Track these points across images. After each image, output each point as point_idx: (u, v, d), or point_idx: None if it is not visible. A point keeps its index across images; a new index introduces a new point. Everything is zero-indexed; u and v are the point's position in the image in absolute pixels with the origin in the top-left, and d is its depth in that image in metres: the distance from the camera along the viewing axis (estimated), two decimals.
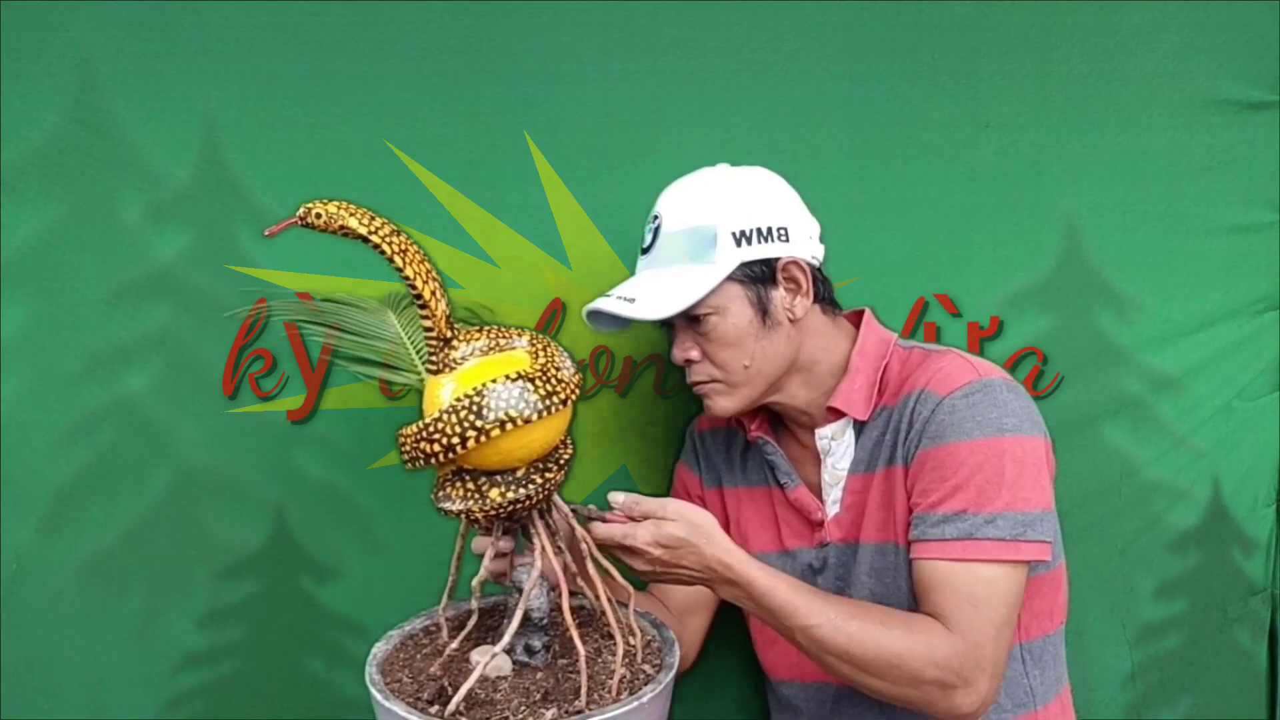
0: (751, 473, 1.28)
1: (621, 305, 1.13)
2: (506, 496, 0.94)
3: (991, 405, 1.08)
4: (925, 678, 1.01)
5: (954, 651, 1.01)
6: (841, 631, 1.02)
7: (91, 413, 1.31)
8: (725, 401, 1.17)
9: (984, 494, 1.05)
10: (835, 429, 1.19)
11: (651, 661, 1.01)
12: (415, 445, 0.92)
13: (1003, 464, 1.06)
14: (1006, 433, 1.07)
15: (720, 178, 1.17)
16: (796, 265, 1.14)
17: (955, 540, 1.05)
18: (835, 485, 1.19)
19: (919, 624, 1.04)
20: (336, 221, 0.90)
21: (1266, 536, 1.51)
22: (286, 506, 1.35)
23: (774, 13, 1.36)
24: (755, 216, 1.13)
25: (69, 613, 1.34)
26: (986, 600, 1.03)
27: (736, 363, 1.14)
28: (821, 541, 1.20)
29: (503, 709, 0.93)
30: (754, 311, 1.13)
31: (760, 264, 1.13)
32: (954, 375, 1.11)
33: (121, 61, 1.28)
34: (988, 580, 1.04)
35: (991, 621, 1.03)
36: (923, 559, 1.07)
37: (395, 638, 1.08)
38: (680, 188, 1.17)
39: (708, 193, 1.15)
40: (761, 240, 1.13)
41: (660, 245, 1.15)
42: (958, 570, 1.04)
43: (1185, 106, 1.42)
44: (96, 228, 1.29)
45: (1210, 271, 1.45)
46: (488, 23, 1.32)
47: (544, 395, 0.91)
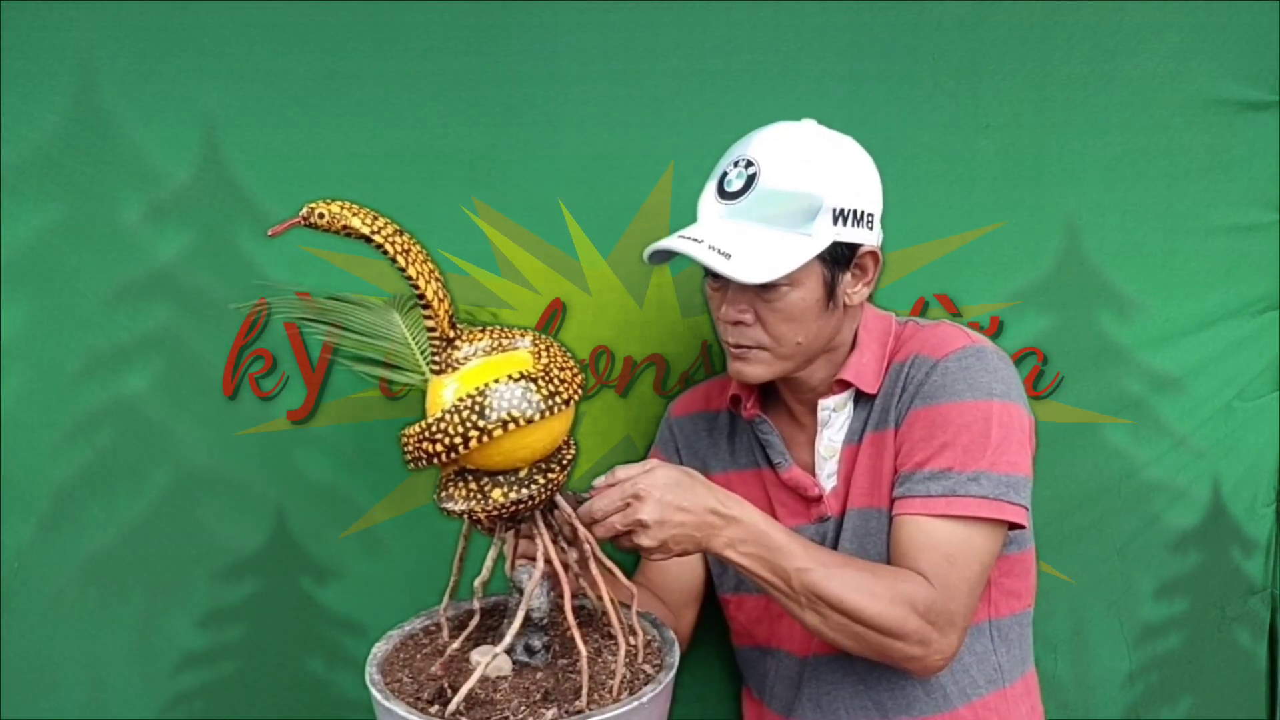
0: (740, 455, 1.27)
1: (716, 259, 1.06)
2: (509, 497, 0.94)
3: (983, 369, 1.10)
4: (908, 628, 1.02)
5: (932, 603, 1.03)
6: (835, 579, 1.02)
7: (91, 413, 1.31)
8: (762, 370, 1.14)
9: (969, 453, 1.07)
10: (838, 400, 1.18)
11: (652, 661, 1.01)
12: (418, 445, 0.92)
13: (989, 426, 1.08)
14: (995, 397, 1.09)
15: (825, 144, 1.12)
16: (873, 255, 1.14)
17: (939, 497, 1.07)
18: (830, 459, 1.19)
19: (903, 574, 1.05)
20: (339, 221, 0.90)
21: (1266, 536, 1.51)
22: (286, 506, 1.35)
23: (774, 13, 1.36)
24: (856, 198, 1.10)
25: (69, 613, 1.34)
26: (963, 557, 1.06)
27: (792, 338, 1.12)
28: (822, 516, 1.19)
29: (503, 709, 0.93)
30: (824, 291, 1.11)
31: (846, 247, 1.11)
32: (948, 340, 1.13)
33: (121, 61, 1.28)
34: (965, 538, 1.06)
35: (965, 578, 1.05)
36: (905, 514, 1.09)
37: (395, 638, 1.08)
38: (780, 140, 1.10)
39: (815, 157, 1.09)
40: (856, 224, 1.10)
41: (754, 197, 1.08)
42: (939, 527, 1.06)
43: (1185, 106, 1.42)
44: (96, 228, 1.29)
45: (1210, 271, 1.45)
46: (488, 23, 1.32)
47: (547, 395, 0.91)
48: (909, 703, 1.15)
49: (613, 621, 0.98)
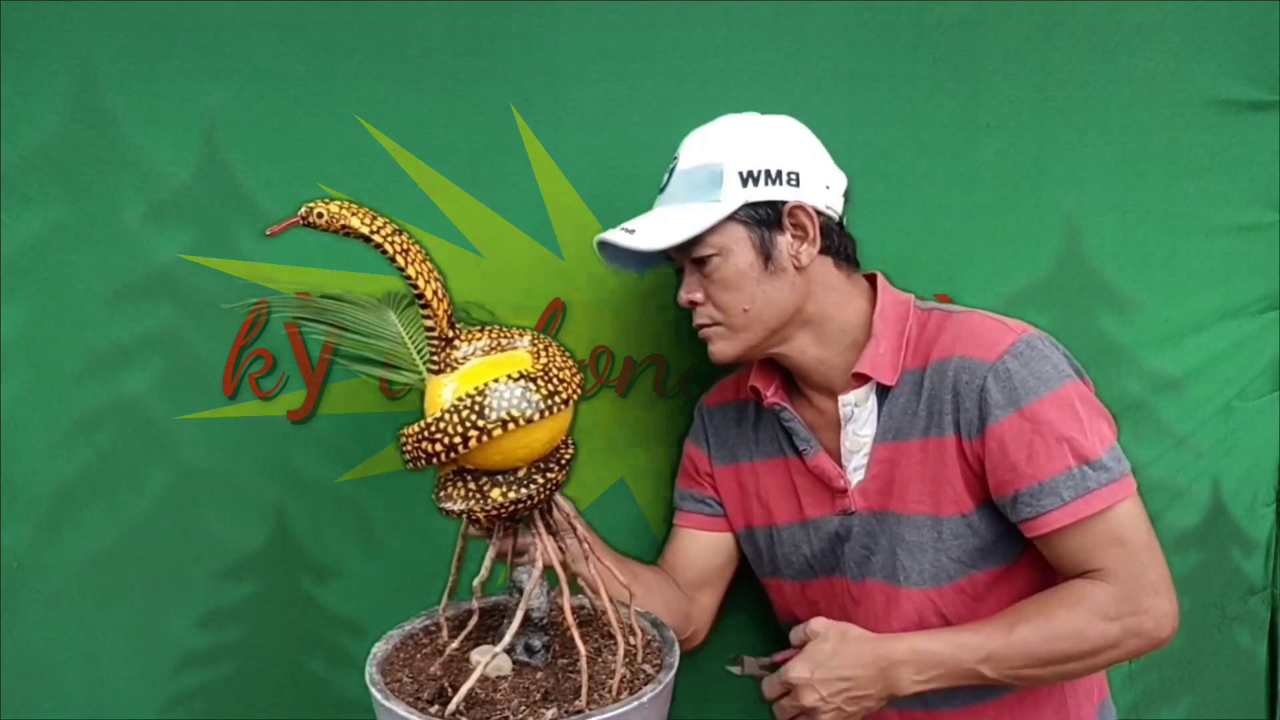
0: (766, 444, 1.27)
1: (621, 235, 1.14)
2: (508, 496, 0.94)
3: (1041, 358, 1.09)
4: (1111, 636, 1.04)
5: (1119, 597, 1.04)
6: (1016, 644, 1.04)
7: (91, 413, 1.31)
8: (725, 346, 1.16)
9: (1075, 446, 1.06)
10: (859, 395, 1.17)
11: (652, 661, 1.01)
12: (417, 445, 0.92)
13: (1075, 410, 1.07)
14: (1065, 379, 1.08)
15: (738, 120, 1.17)
16: (803, 210, 1.13)
17: (1071, 502, 1.06)
18: (858, 452, 1.18)
19: (1071, 594, 1.06)
20: (338, 221, 0.90)
21: (1266, 536, 1.51)
22: (286, 506, 1.35)
23: (774, 13, 1.36)
24: (764, 158, 1.12)
25: (69, 613, 1.34)
26: (1128, 534, 1.06)
27: (736, 306, 1.13)
28: (845, 509, 1.19)
29: (503, 709, 0.93)
30: (756, 255, 1.12)
31: (766, 206, 1.12)
32: (992, 338, 1.11)
33: (121, 61, 1.28)
34: (1116, 519, 1.06)
35: (1142, 546, 1.06)
36: (1050, 532, 1.07)
37: (395, 638, 1.08)
38: (700, 131, 1.17)
39: (722, 133, 1.15)
40: (770, 182, 1.12)
41: (672, 184, 1.16)
42: (1090, 527, 1.06)
43: (1185, 106, 1.42)
44: (96, 228, 1.29)
45: (1210, 271, 1.45)
46: (487, 22, 1.32)
47: (546, 395, 0.91)
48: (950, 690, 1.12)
49: (611, 621, 0.98)
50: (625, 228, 1.15)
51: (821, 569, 1.24)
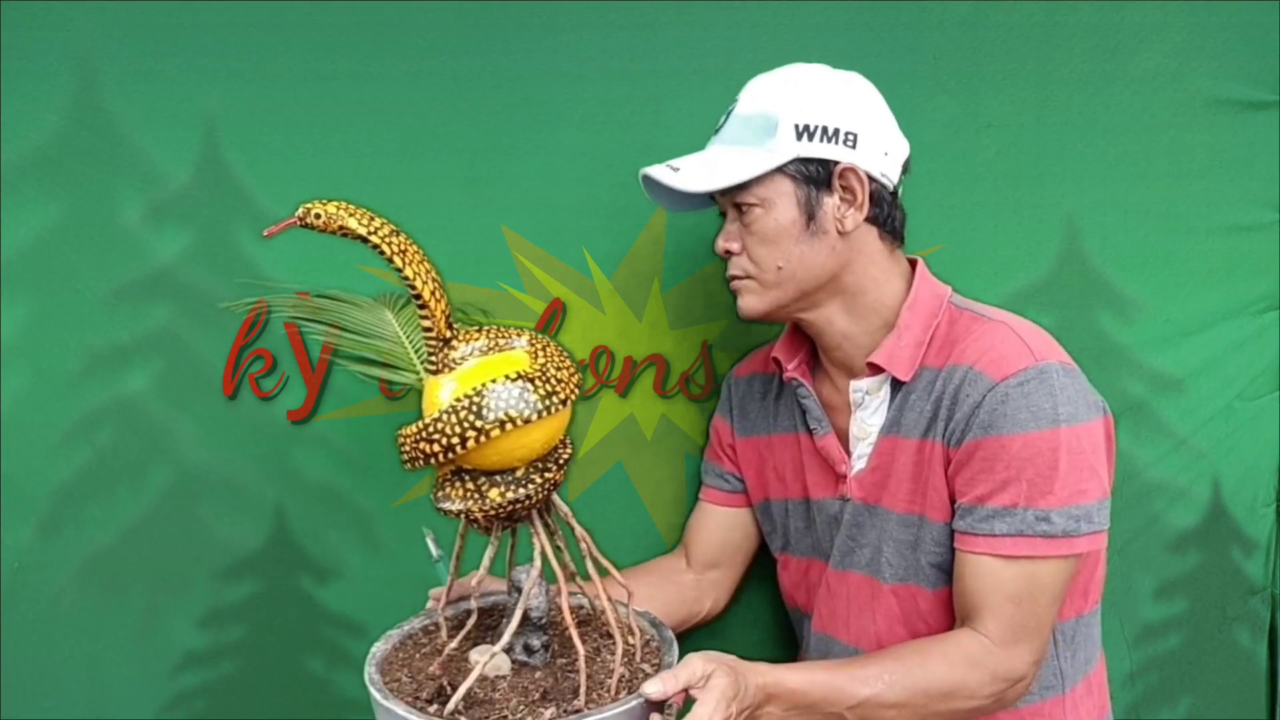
0: (782, 419, 1.25)
1: (665, 172, 1.11)
2: (506, 496, 0.94)
3: (1047, 394, 1.03)
4: (981, 694, 1.02)
5: (997, 661, 1.02)
6: (889, 692, 1.00)
7: (91, 413, 1.31)
8: (753, 300, 1.13)
9: (1036, 488, 1.02)
10: (871, 384, 1.14)
11: (650, 660, 1.01)
12: (415, 445, 0.92)
13: (1057, 457, 1.02)
14: (1062, 423, 1.03)
15: (804, 71, 1.12)
16: (855, 174, 1.08)
17: (1005, 536, 1.03)
18: (863, 440, 1.16)
19: (953, 646, 1.04)
20: (336, 222, 0.91)
21: (1266, 536, 1.50)
22: (286, 506, 1.35)
23: (774, 13, 1.36)
24: (824, 114, 1.08)
25: (69, 613, 1.34)
26: (1030, 596, 1.03)
27: (771, 261, 1.10)
28: (842, 495, 1.18)
29: (501, 708, 0.93)
30: (799, 212, 1.09)
31: (817, 164, 1.08)
32: (1007, 358, 1.05)
33: (121, 61, 1.28)
34: (1033, 575, 1.03)
35: (1034, 614, 1.03)
36: (970, 553, 1.05)
37: (394, 637, 1.08)
38: (765, 76, 1.13)
39: (785, 82, 1.11)
40: (825, 140, 1.07)
41: (727, 126, 1.13)
42: (1004, 568, 1.03)
43: (1186, 106, 1.41)
44: (96, 228, 1.29)
45: (1210, 271, 1.44)
46: (487, 22, 1.32)
47: (543, 395, 0.91)
48: None
49: (610, 621, 0.98)
50: (671, 165, 1.12)
51: (818, 552, 1.23)
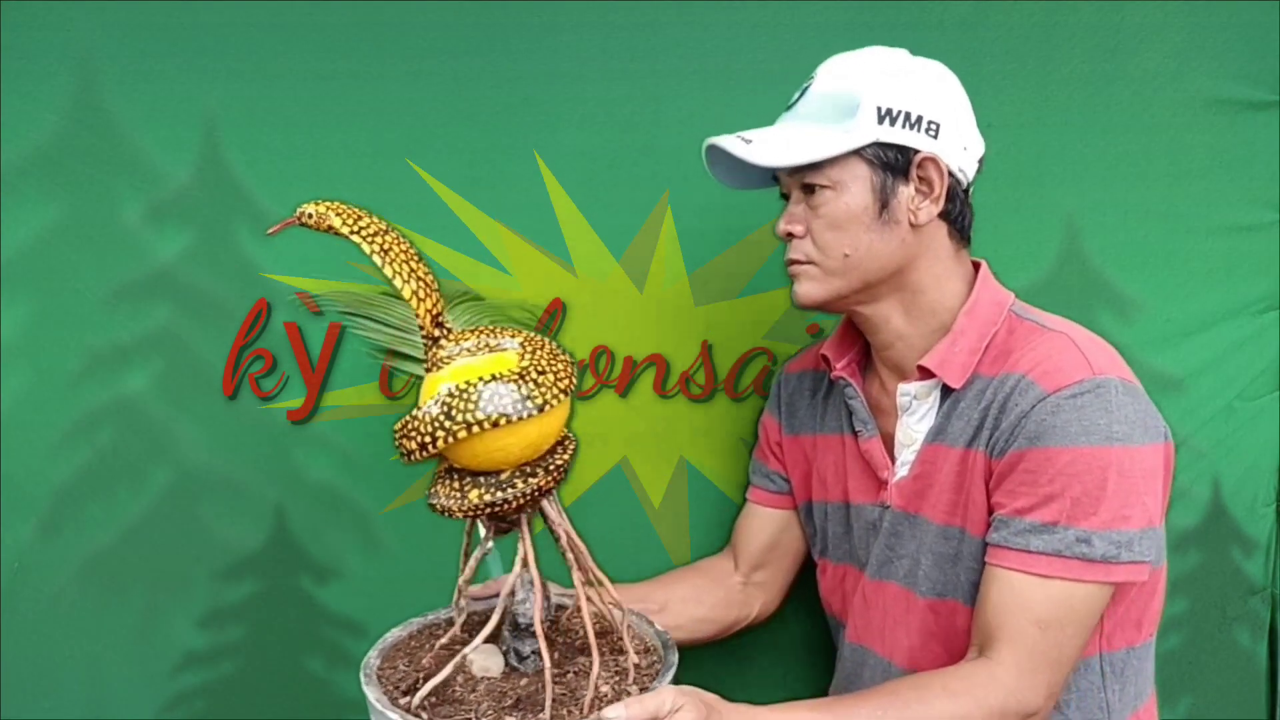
0: (829, 419, 1.21)
1: (737, 144, 1.05)
2: (484, 499, 0.92)
3: (1103, 410, 0.97)
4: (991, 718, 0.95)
5: (1007, 693, 0.95)
6: None
7: (91, 413, 1.31)
8: (812, 288, 1.08)
9: (1080, 507, 0.95)
10: (920, 388, 1.09)
11: (641, 683, 0.96)
12: (398, 441, 0.92)
13: (1106, 477, 0.95)
14: (1115, 442, 0.96)
15: (889, 54, 1.08)
16: (935, 164, 1.04)
17: (1040, 554, 0.96)
18: (909, 447, 1.11)
19: (957, 678, 0.97)
20: (324, 221, 0.92)
21: (1266, 536, 1.50)
22: (286, 506, 1.35)
23: (774, 13, 1.36)
24: (908, 100, 1.03)
25: (69, 613, 1.34)
26: (1057, 623, 0.96)
27: (837, 248, 1.05)
28: (882, 502, 1.13)
29: (469, 709, 0.91)
30: (873, 199, 1.04)
31: (896, 150, 1.03)
32: (1063, 369, 0.99)
33: (121, 61, 1.28)
34: (1063, 600, 0.96)
35: (1058, 643, 0.96)
36: (999, 567, 0.99)
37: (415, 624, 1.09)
38: (846, 55, 1.08)
39: (869, 62, 1.06)
40: (907, 126, 1.03)
41: (803, 103, 1.08)
42: (1035, 587, 0.96)
43: (1186, 106, 1.41)
44: (96, 228, 1.29)
45: (1210, 271, 1.44)
46: (488, 23, 1.32)
47: (519, 399, 0.89)
48: None
49: (588, 637, 0.95)
50: (743, 136, 1.06)
51: (853, 559, 1.20)
